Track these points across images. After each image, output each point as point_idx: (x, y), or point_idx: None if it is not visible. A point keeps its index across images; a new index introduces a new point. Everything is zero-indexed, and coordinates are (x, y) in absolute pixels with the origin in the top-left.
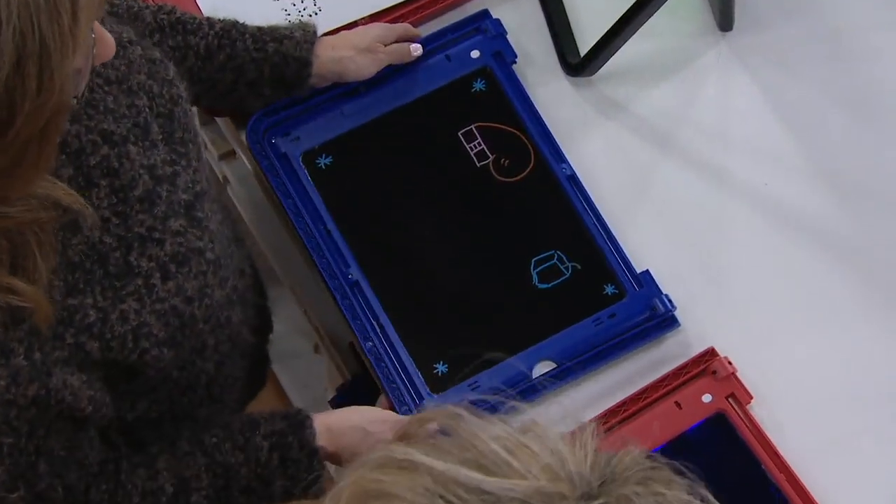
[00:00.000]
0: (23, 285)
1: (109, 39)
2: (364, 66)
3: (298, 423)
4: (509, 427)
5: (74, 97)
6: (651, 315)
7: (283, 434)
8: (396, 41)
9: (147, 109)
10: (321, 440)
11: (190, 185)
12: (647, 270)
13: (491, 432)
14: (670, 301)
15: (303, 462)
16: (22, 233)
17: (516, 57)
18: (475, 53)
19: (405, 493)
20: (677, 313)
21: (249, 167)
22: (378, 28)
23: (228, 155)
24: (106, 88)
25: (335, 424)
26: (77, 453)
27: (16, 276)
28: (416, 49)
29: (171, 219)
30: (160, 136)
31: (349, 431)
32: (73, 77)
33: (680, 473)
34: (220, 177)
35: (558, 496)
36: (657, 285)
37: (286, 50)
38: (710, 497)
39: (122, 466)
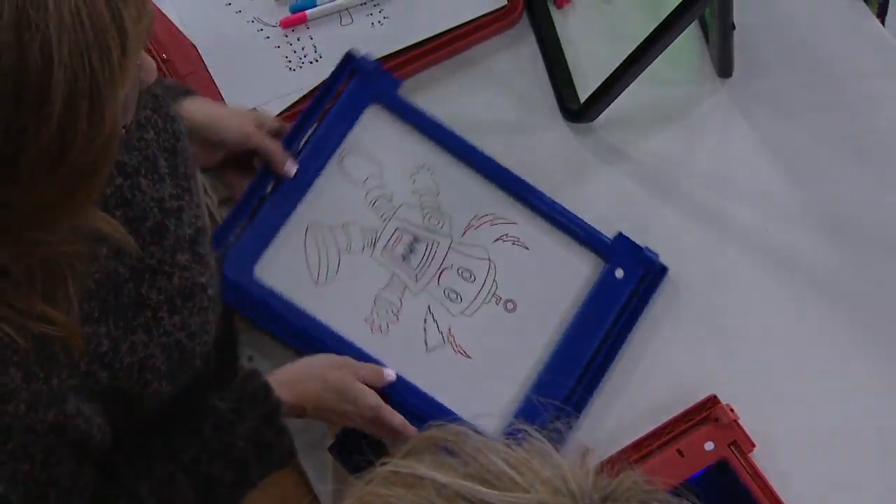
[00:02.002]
0: (58, 315)
1: (151, 63)
2: (234, 128)
3: (269, 412)
4: (513, 445)
5: (123, 126)
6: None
7: (258, 432)
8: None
9: (154, 143)
10: (283, 398)
11: (193, 220)
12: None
13: (495, 449)
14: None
15: (276, 444)
16: (57, 263)
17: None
18: None
19: None
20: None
21: None
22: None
23: (229, 201)
24: None
25: (293, 380)
26: (79, 483)
27: (47, 305)
28: (291, 168)
29: (178, 252)
30: (167, 170)
31: (308, 381)
32: (121, 107)
33: (677, 496)
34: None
35: None
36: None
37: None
38: None
39: (110, 497)
